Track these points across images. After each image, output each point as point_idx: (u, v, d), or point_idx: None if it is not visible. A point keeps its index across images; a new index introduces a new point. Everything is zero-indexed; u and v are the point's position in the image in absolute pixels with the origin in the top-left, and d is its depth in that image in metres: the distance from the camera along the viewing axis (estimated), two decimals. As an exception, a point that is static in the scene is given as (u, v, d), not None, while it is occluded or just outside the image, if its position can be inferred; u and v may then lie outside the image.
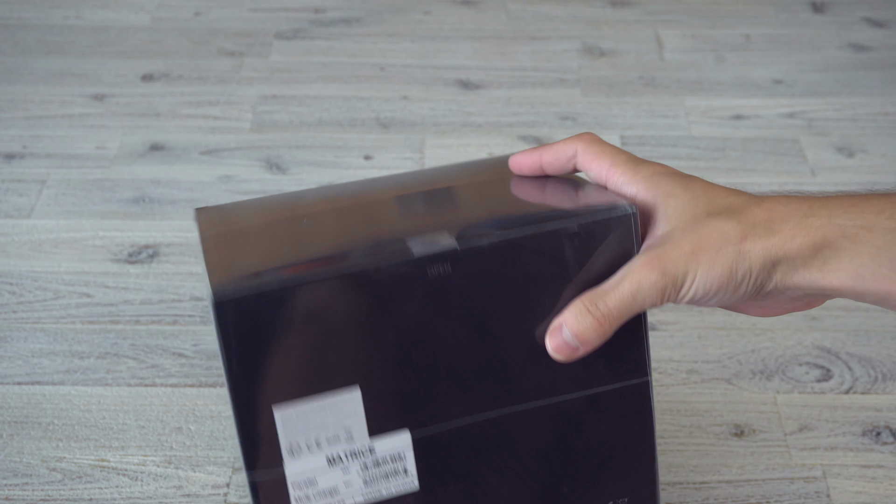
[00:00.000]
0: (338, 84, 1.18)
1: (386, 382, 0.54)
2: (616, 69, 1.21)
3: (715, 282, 0.50)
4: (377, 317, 0.52)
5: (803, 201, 0.51)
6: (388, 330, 0.53)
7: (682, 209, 0.52)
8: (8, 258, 0.95)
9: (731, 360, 0.85)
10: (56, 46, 1.24)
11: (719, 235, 0.51)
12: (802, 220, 0.50)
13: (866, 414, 0.81)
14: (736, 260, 0.50)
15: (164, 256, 0.95)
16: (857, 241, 0.49)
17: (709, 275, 0.50)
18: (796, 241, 0.50)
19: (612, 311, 0.51)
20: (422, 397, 0.55)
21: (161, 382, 0.83)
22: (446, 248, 0.52)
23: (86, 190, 1.03)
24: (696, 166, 1.06)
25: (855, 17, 1.31)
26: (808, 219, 0.50)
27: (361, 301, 0.52)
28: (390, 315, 0.52)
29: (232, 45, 1.25)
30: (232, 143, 1.09)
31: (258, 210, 0.59)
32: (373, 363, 0.53)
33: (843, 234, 0.49)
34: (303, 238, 0.55)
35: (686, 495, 0.75)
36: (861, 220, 0.50)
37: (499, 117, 1.13)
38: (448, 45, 1.25)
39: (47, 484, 0.76)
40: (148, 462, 0.77)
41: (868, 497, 0.75)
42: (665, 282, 0.50)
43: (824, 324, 0.88)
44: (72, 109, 1.14)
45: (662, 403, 0.81)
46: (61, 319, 0.89)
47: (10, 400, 0.82)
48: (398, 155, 1.08)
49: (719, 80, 1.19)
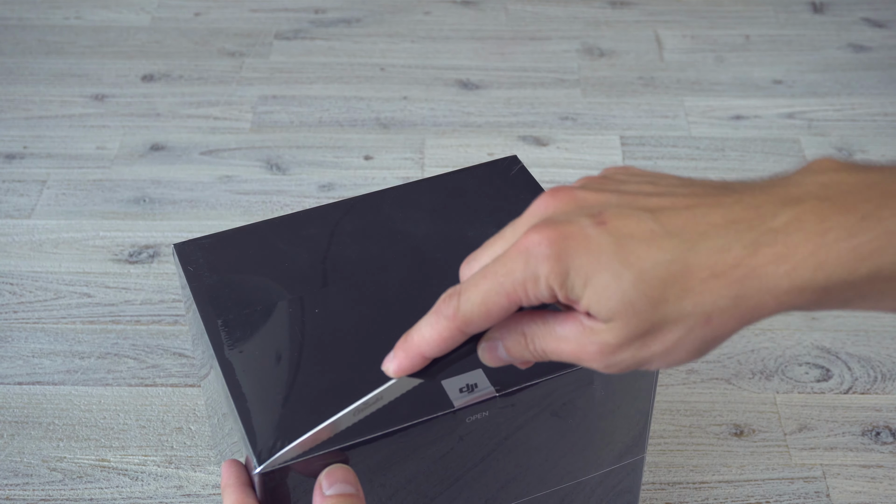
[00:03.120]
0: (338, 84, 1.18)
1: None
2: (616, 69, 1.21)
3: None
4: (407, 456, 0.54)
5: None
6: (415, 463, 0.54)
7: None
8: (8, 258, 0.95)
9: (731, 360, 0.85)
10: (56, 46, 1.24)
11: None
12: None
13: (866, 414, 0.81)
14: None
15: (164, 256, 0.95)
16: None
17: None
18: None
19: (543, 356, 0.47)
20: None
21: (161, 382, 0.83)
22: (486, 397, 0.53)
23: (86, 190, 1.03)
24: (696, 166, 1.06)
25: (855, 18, 1.31)
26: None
27: (396, 448, 0.53)
28: (423, 449, 0.54)
29: (232, 45, 1.25)
30: (232, 143, 1.09)
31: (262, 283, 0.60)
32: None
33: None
34: (334, 375, 0.55)
35: (686, 495, 0.75)
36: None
37: (499, 117, 1.13)
38: (448, 45, 1.25)
39: (48, 484, 0.76)
40: (148, 462, 0.77)
41: (868, 497, 0.75)
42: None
43: (824, 324, 0.88)
44: (72, 110, 1.14)
45: (662, 403, 0.81)
46: (62, 319, 0.89)
47: (11, 400, 0.82)
48: (398, 155, 1.08)
49: (719, 80, 1.19)
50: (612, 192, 0.44)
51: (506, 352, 0.46)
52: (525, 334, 0.45)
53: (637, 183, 0.44)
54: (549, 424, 0.57)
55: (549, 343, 0.44)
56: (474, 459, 0.56)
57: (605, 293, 0.41)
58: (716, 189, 0.43)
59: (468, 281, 0.44)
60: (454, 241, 0.62)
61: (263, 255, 0.61)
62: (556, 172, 1.05)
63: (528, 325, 0.45)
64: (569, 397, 0.56)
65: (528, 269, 0.42)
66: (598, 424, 0.59)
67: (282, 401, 0.53)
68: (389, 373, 0.46)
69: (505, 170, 0.68)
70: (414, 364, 0.46)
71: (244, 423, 0.52)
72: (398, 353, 0.46)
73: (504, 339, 0.46)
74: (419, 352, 0.45)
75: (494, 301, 0.43)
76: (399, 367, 0.46)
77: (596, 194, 0.43)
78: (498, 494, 0.58)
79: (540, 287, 0.42)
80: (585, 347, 0.43)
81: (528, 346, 0.45)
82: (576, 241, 0.41)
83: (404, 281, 0.60)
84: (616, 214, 0.42)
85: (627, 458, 0.62)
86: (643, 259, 0.40)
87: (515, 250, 0.42)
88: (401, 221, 0.64)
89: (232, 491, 0.51)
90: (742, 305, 0.40)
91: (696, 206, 0.41)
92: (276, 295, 0.59)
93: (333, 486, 0.50)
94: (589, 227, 0.41)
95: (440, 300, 0.44)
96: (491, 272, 0.43)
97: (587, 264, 0.41)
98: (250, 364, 0.55)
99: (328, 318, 0.57)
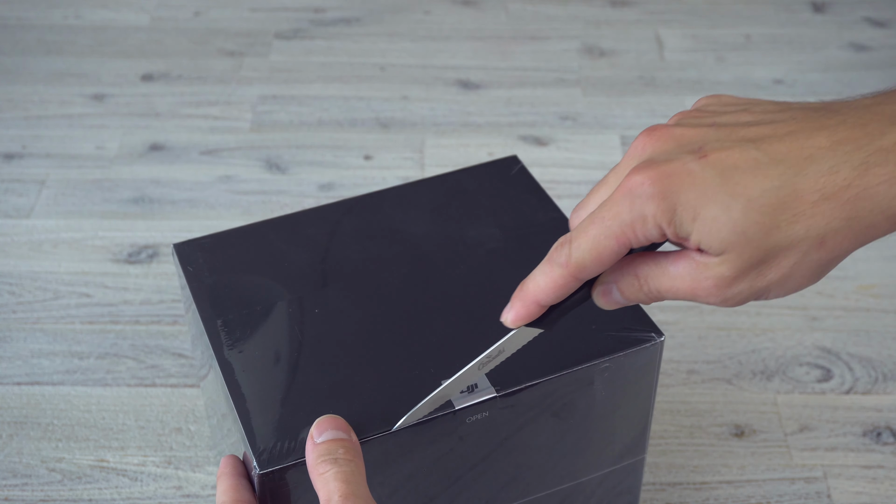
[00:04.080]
0: (338, 84, 1.18)
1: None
2: (616, 69, 1.21)
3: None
4: (406, 455, 0.53)
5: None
6: (415, 458, 0.54)
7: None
8: (7, 258, 0.95)
9: (732, 360, 0.85)
10: (56, 46, 1.24)
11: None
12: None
13: (867, 414, 0.81)
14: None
15: (163, 256, 0.95)
16: None
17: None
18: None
19: (658, 296, 0.47)
20: None
21: (161, 383, 0.83)
22: (486, 397, 0.53)
23: (85, 190, 1.03)
24: (697, 166, 1.06)
25: (855, 17, 1.30)
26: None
27: (396, 448, 0.53)
28: (423, 449, 0.54)
29: (232, 45, 1.25)
30: (232, 143, 1.09)
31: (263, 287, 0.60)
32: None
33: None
34: (334, 375, 0.55)
35: (686, 496, 0.75)
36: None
37: (499, 117, 1.13)
38: (448, 45, 1.25)
39: (47, 484, 0.76)
40: (148, 462, 0.77)
41: (869, 497, 0.75)
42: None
43: (825, 324, 0.88)
44: (71, 109, 1.14)
45: (663, 404, 0.81)
46: (61, 320, 0.88)
47: (10, 400, 0.82)
48: (398, 155, 1.08)
49: (719, 80, 1.19)
50: (709, 125, 0.44)
51: (620, 294, 0.46)
52: (638, 276, 0.46)
53: (733, 113, 0.45)
54: (550, 425, 0.56)
55: (664, 283, 0.45)
56: (474, 460, 0.55)
57: (714, 226, 0.41)
58: (816, 112, 0.43)
59: (577, 228, 0.44)
60: (454, 241, 0.62)
61: (263, 256, 0.61)
62: (557, 172, 1.05)
63: (641, 267, 0.45)
64: (569, 397, 0.56)
65: (634, 210, 0.42)
66: (598, 425, 0.59)
67: (281, 401, 0.53)
68: (507, 323, 0.47)
69: (505, 170, 0.67)
70: (531, 313, 0.47)
71: (244, 424, 0.52)
72: (515, 304, 0.47)
73: (618, 282, 0.46)
74: (535, 300, 0.46)
75: (605, 245, 0.44)
76: (517, 316, 0.47)
77: (693, 130, 0.44)
78: (498, 495, 0.58)
79: (648, 227, 0.42)
80: (700, 283, 0.43)
81: (642, 287, 0.46)
82: (680, 177, 0.42)
83: (404, 281, 0.59)
84: (717, 147, 0.42)
85: (628, 458, 0.62)
86: (750, 188, 0.41)
87: (620, 193, 0.43)
88: (401, 221, 0.63)
89: (226, 478, 0.51)
90: (855, 226, 0.40)
91: (798, 132, 0.42)
92: (275, 295, 0.59)
93: (325, 433, 0.49)
94: (691, 162, 0.42)
95: (552, 249, 0.45)
96: (598, 217, 0.44)
97: (694, 199, 0.41)
98: (250, 364, 0.55)
99: (328, 318, 0.57)
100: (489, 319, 0.57)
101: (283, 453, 0.50)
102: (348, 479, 0.47)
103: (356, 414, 0.52)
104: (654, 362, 0.57)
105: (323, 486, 0.47)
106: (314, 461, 0.48)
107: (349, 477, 0.47)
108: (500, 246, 0.62)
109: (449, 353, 0.55)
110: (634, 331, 0.56)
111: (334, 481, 0.47)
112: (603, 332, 0.56)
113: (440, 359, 0.55)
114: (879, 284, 0.92)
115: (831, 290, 0.91)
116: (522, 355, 0.54)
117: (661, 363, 0.58)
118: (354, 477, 0.48)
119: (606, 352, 0.55)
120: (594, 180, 1.04)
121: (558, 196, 1.01)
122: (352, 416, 0.52)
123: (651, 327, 0.56)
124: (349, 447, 0.49)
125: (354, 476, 0.48)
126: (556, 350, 0.55)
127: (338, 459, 0.48)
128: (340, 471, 0.48)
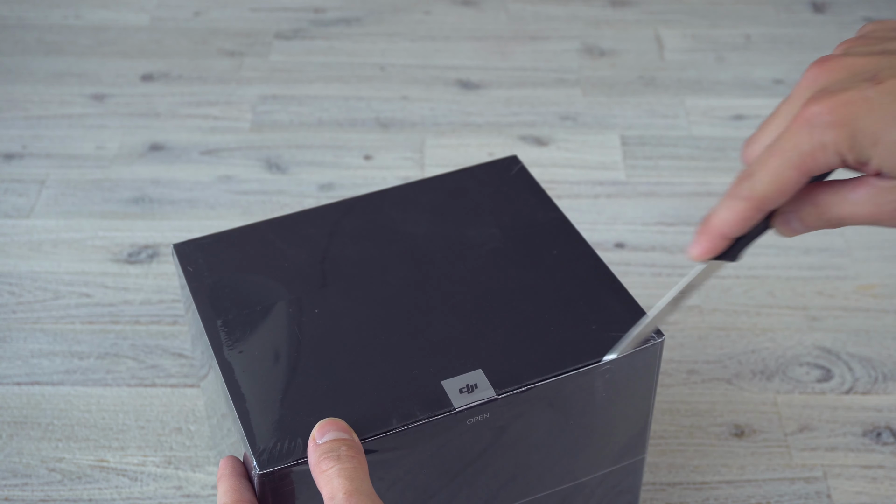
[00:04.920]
0: (338, 84, 1.18)
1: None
2: (616, 69, 1.21)
3: None
4: (406, 455, 0.53)
5: None
6: (414, 457, 0.54)
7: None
8: (7, 258, 0.95)
9: (732, 360, 0.85)
10: (56, 46, 1.24)
11: None
12: None
13: (867, 414, 0.81)
14: None
15: (163, 257, 0.95)
16: None
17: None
18: None
19: (838, 222, 0.47)
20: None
21: (161, 383, 0.83)
22: (486, 398, 0.53)
23: (85, 190, 1.03)
24: (697, 166, 1.06)
25: (855, 17, 1.30)
26: None
27: (394, 448, 0.53)
28: (422, 449, 0.54)
29: (232, 45, 1.25)
30: (232, 143, 1.09)
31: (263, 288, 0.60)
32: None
33: None
34: (334, 375, 0.55)
35: (686, 496, 0.75)
36: None
37: (499, 117, 1.13)
38: (448, 45, 1.25)
39: (47, 484, 0.76)
40: (148, 462, 0.77)
41: (869, 497, 0.75)
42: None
43: (825, 324, 0.88)
44: (71, 109, 1.14)
45: (662, 404, 0.81)
46: (61, 320, 0.88)
47: (10, 400, 0.82)
48: (398, 155, 1.08)
49: (720, 79, 1.19)
50: (879, 53, 0.45)
51: (801, 224, 0.47)
52: (818, 205, 0.46)
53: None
54: (550, 425, 0.56)
55: (844, 209, 0.46)
56: (474, 459, 0.55)
57: (895, 149, 0.42)
58: None
59: (757, 161, 0.45)
60: (454, 241, 0.62)
61: (263, 256, 0.61)
62: (557, 172, 1.05)
63: (820, 196, 0.46)
64: (569, 398, 0.56)
65: (813, 139, 0.43)
66: (598, 425, 0.59)
67: (281, 401, 0.53)
68: (694, 257, 0.49)
69: (505, 170, 0.67)
70: (717, 246, 0.48)
71: (244, 424, 0.52)
72: (700, 238, 0.48)
73: (798, 211, 0.47)
74: (721, 233, 0.47)
75: (786, 176, 0.44)
76: (704, 249, 0.48)
77: (864, 58, 0.45)
78: (497, 495, 0.58)
79: (828, 154, 0.43)
80: (882, 208, 0.44)
81: (821, 216, 0.47)
82: (856, 104, 0.42)
83: (404, 281, 0.59)
84: (891, 74, 0.43)
85: (628, 458, 0.62)
86: None
87: (797, 124, 0.44)
88: (401, 221, 0.63)
89: (226, 479, 0.51)
90: None
91: None
92: (275, 295, 0.59)
93: (326, 434, 0.49)
94: (867, 89, 0.42)
95: (734, 183, 0.46)
96: (777, 149, 0.44)
97: (872, 124, 0.42)
98: (250, 364, 0.55)
99: (328, 318, 0.57)
100: (489, 319, 0.57)
101: (283, 453, 0.50)
102: (352, 476, 0.47)
103: (356, 414, 0.52)
104: (654, 362, 0.57)
105: (326, 484, 0.47)
106: (316, 460, 0.48)
107: (352, 474, 0.47)
108: (500, 246, 0.62)
109: (449, 354, 0.55)
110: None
111: (338, 478, 0.47)
112: (603, 332, 0.56)
113: (440, 359, 0.55)
114: (879, 284, 0.92)
115: (831, 290, 0.91)
116: (522, 355, 0.54)
117: (661, 363, 0.58)
118: (358, 474, 0.48)
119: (606, 352, 0.55)
120: (594, 180, 1.04)
121: (558, 196, 1.01)
122: (352, 416, 0.52)
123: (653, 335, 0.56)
124: (352, 445, 0.49)
125: (358, 473, 0.48)
126: (556, 350, 0.55)
127: (340, 456, 0.48)
128: (343, 468, 0.47)
